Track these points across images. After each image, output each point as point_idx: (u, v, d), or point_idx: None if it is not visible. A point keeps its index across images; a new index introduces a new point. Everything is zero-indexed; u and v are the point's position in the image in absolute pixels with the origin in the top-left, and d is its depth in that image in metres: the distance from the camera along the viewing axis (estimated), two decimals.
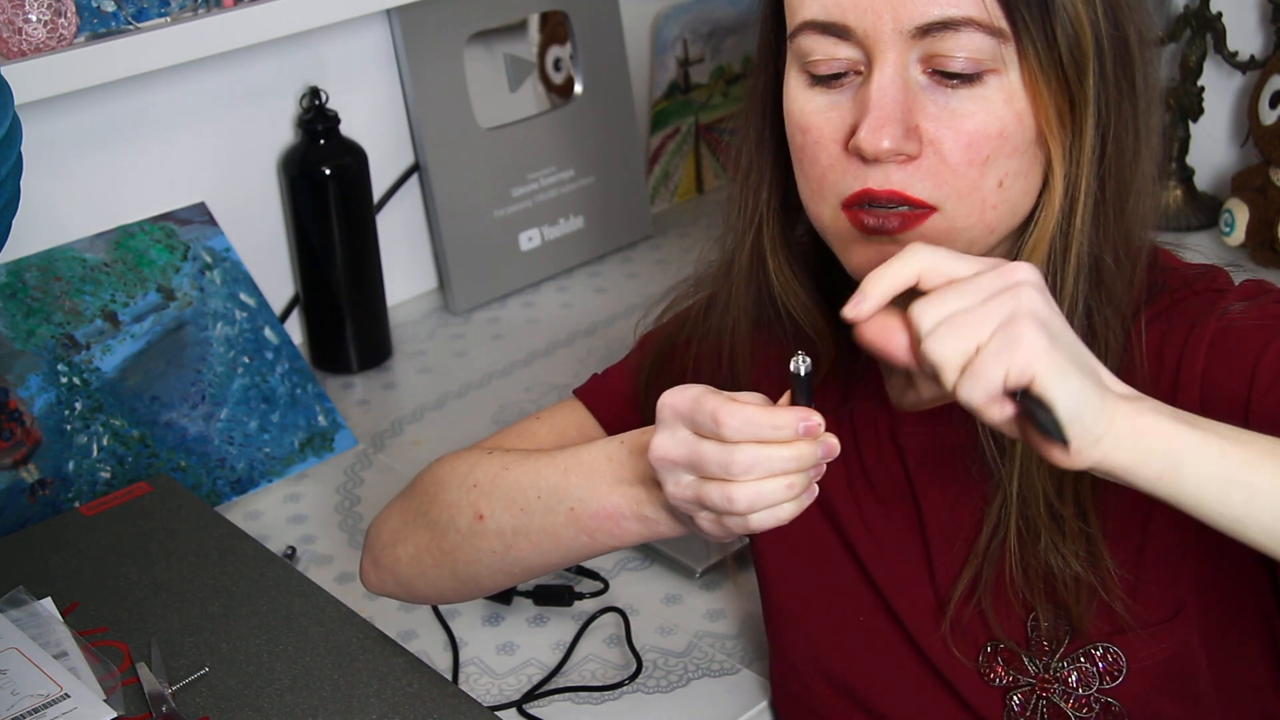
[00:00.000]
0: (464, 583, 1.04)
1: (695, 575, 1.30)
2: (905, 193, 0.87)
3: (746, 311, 1.00)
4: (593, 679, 1.19)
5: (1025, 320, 0.74)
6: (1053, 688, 0.95)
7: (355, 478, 1.47)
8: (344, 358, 1.65)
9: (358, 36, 1.67)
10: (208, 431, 1.45)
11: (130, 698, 1.04)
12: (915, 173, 0.86)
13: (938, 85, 0.85)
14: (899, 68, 0.85)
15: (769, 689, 1.17)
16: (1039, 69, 0.85)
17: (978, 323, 0.74)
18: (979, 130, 0.85)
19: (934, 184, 0.86)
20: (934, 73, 0.85)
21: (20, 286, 1.41)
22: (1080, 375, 0.74)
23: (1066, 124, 0.87)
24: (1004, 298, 0.74)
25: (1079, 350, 0.76)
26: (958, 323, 0.74)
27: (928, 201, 0.87)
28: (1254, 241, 1.70)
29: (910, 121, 0.85)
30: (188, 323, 1.48)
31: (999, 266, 0.76)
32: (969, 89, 0.85)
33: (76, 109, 1.46)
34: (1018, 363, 0.73)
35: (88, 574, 1.17)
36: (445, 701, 1.03)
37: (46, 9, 1.34)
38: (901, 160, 0.86)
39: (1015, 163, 0.87)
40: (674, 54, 1.97)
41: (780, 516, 0.83)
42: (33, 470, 1.36)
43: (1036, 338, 0.73)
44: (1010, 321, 0.74)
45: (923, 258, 0.77)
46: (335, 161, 1.59)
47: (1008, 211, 0.88)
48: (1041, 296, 0.75)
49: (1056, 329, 0.75)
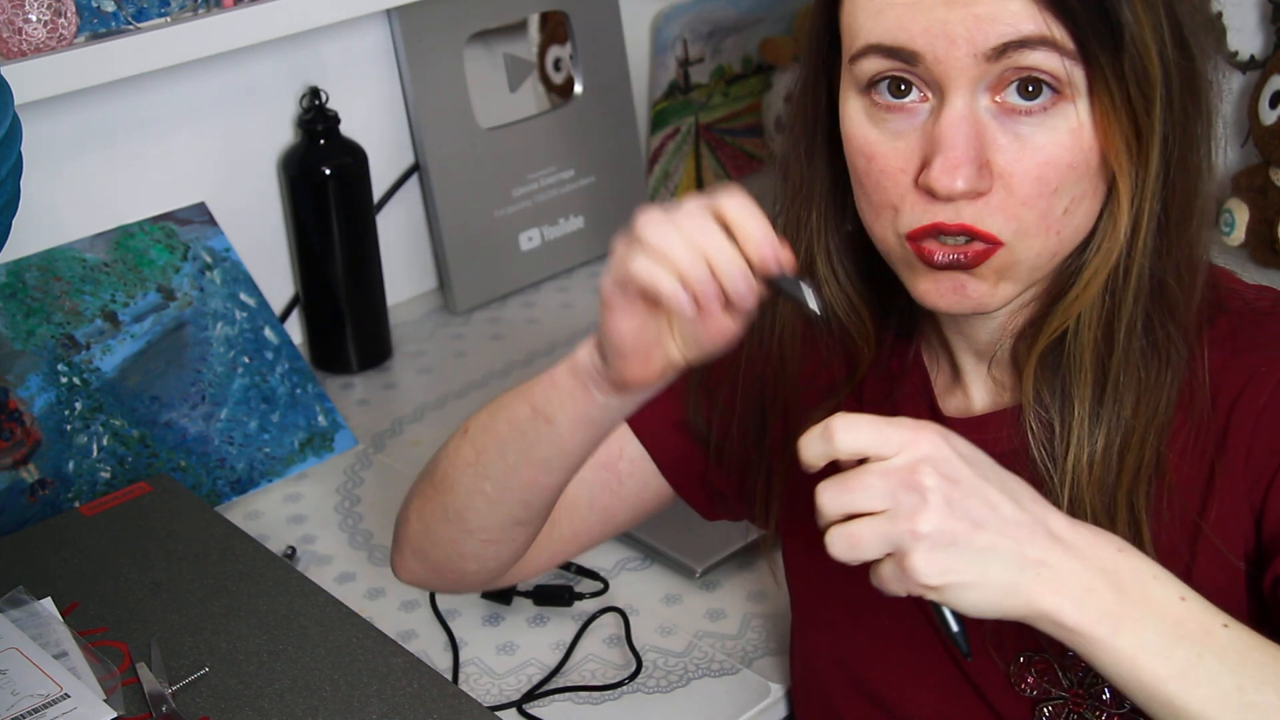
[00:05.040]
0: (454, 519, 1.04)
1: (695, 575, 1.30)
2: (976, 228, 0.85)
3: (794, 312, 1.00)
4: (593, 679, 1.19)
5: (919, 543, 0.75)
6: (1085, 702, 0.93)
7: (355, 478, 1.47)
8: (344, 358, 1.65)
9: (358, 36, 1.67)
10: (208, 431, 1.45)
11: (130, 698, 1.04)
12: (985, 208, 0.85)
13: (1007, 115, 0.84)
14: (969, 99, 0.83)
15: (770, 689, 1.17)
16: (1108, 101, 0.83)
17: (874, 540, 0.76)
18: (1049, 161, 0.84)
19: (1004, 218, 0.85)
20: (1004, 101, 0.83)
21: (20, 286, 1.41)
22: (984, 572, 0.76)
23: (1134, 153, 0.85)
24: (902, 501, 0.75)
25: (1001, 517, 0.76)
26: (855, 533, 0.76)
27: (997, 237, 0.85)
28: (1254, 242, 1.70)
29: (982, 158, 0.84)
30: (188, 323, 1.48)
31: (902, 446, 0.76)
32: (1039, 117, 0.83)
33: (76, 109, 1.46)
34: (911, 587, 0.76)
35: (88, 574, 1.17)
36: (445, 701, 1.03)
37: (46, 9, 1.34)
38: (972, 196, 0.84)
39: (1081, 188, 0.85)
40: (674, 54, 1.97)
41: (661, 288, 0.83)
42: (33, 470, 1.36)
43: (927, 562, 0.75)
44: (904, 542, 0.75)
45: (837, 442, 0.78)
46: (335, 161, 1.59)
47: (1071, 235, 0.87)
48: (941, 474, 0.76)
49: (967, 504, 0.76)
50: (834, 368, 1.00)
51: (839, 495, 0.77)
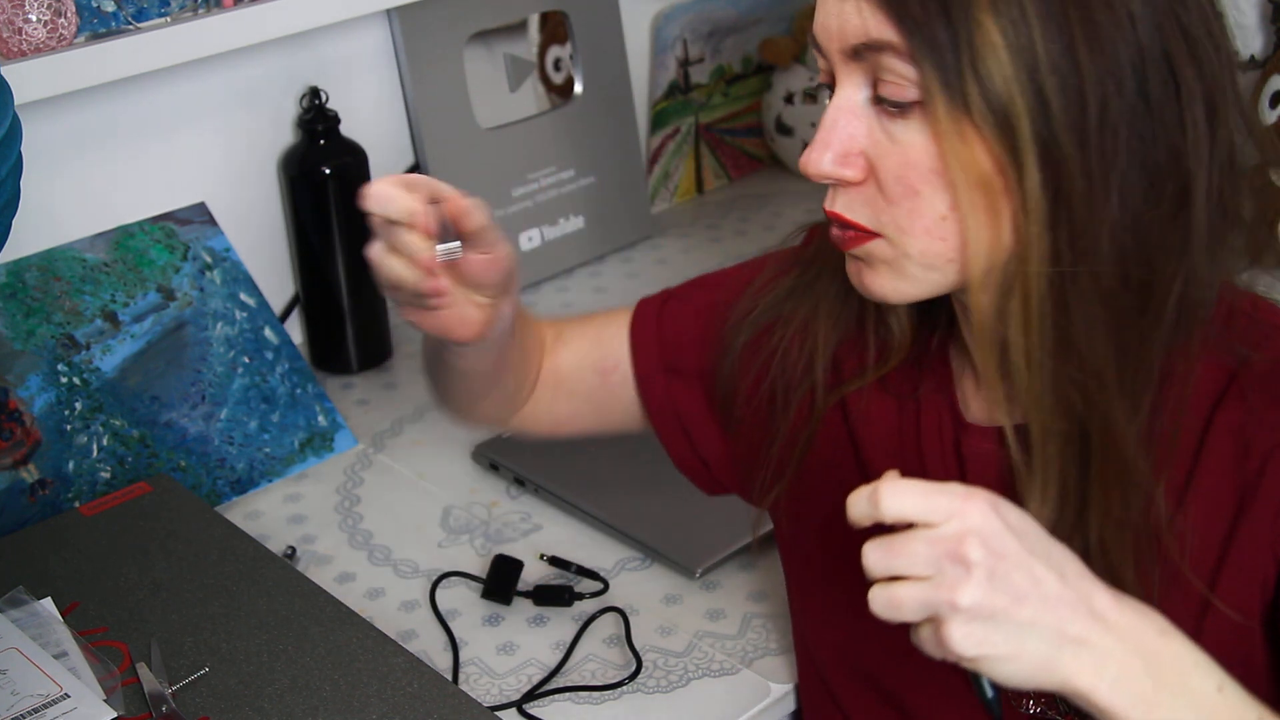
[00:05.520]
0: (453, 406, 1.17)
1: (695, 575, 1.30)
2: (844, 215, 0.88)
3: (828, 300, 1.01)
4: (593, 679, 1.19)
5: (957, 614, 0.74)
6: None
7: (355, 478, 1.47)
8: (344, 358, 1.65)
9: (358, 36, 1.67)
10: (208, 431, 1.45)
11: (130, 698, 1.04)
12: (855, 198, 0.87)
13: (881, 111, 0.85)
14: (851, 90, 0.86)
15: (770, 688, 1.17)
16: (964, 117, 0.82)
17: (914, 605, 0.75)
18: (910, 162, 0.84)
19: (871, 211, 0.87)
20: (878, 98, 0.85)
21: (20, 286, 1.41)
22: (1020, 647, 0.75)
23: (1006, 176, 0.82)
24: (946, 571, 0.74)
25: (1044, 593, 0.75)
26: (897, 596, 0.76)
27: (868, 227, 0.87)
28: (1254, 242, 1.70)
29: (853, 147, 0.86)
30: (188, 323, 1.48)
31: (950, 515, 0.75)
32: (905, 119, 0.84)
33: (76, 109, 1.46)
34: (947, 655, 0.75)
35: (88, 574, 1.17)
36: (445, 701, 1.03)
37: (46, 9, 1.34)
38: (845, 185, 0.87)
39: (961, 197, 0.83)
40: (674, 54, 1.97)
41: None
42: (33, 470, 1.36)
43: (964, 634, 0.74)
44: (943, 611, 0.75)
45: (884, 508, 0.76)
46: (335, 161, 1.59)
47: (963, 242, 0.85)
48: (988, 548, 0.74)
49: (1011, 579, 0.75)
50: (865, 353, 1.01)
51: (884, 558, 0.76)
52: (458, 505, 1.41)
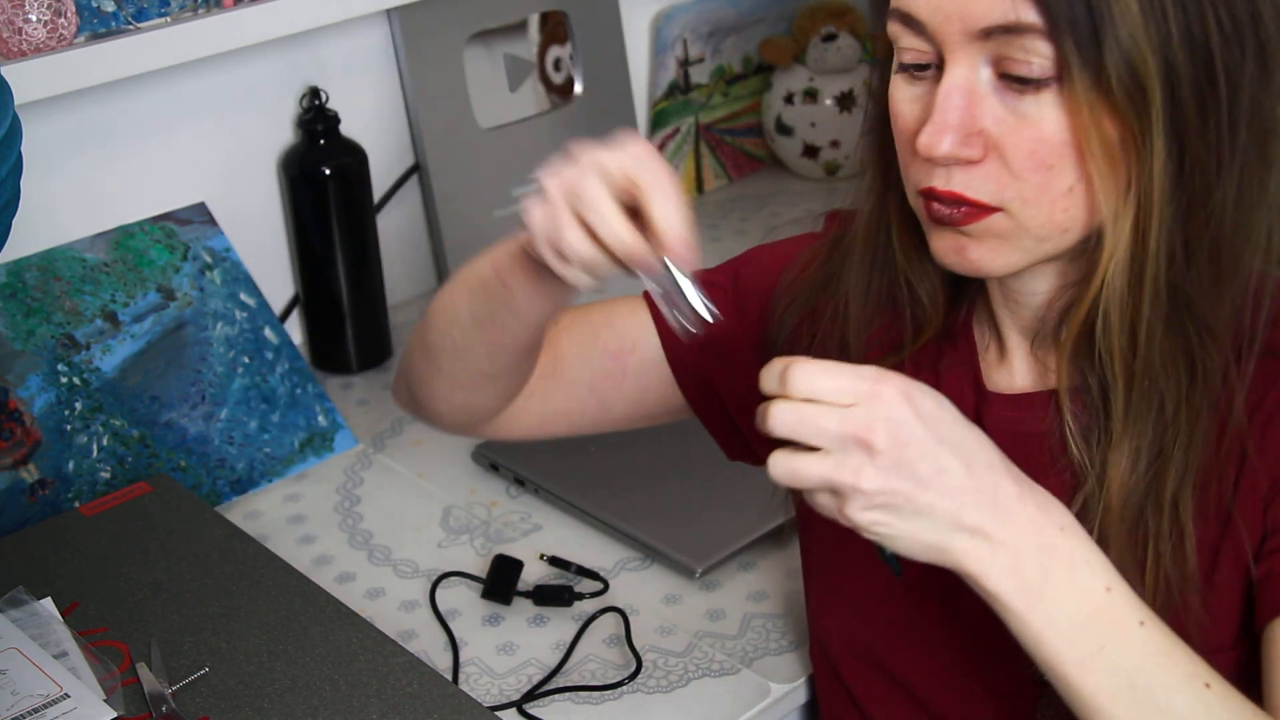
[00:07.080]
0: (429, 357, 1.09)
1: (695, 575, 1.30)
2: (965, 195, 0.87)
3: (861, 278, 1.01)
4: (593, 679, 1.19)
5: (857, 496, 0.79)
6: None
7: (355, 478, 1.47)
8: (344, 358, 1.65)
9: (358, 36, 1.67)
10: (208, 431, 1.45)
11: (130, 698, 1.04)
12: (977, 175, 0.86)
13: (1005, 89, 0.85)
14: (967, 69, 0.85)
15: (770, 689, 1.17)
16: (1096, 94, 0.83)
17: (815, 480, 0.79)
18: (1042, 138, 0.84)
19: (996, 187, 0.86)
20: (1003, 76, 0.84)
21: (20, 286, 1.41)
22: (913, 529, 0.79)
23: (1132, 151, 0.84)
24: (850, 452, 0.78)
25: (946, 482, 0.79)
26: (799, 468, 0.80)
27: (990, 204, 0.87)
28: None
29: (973, 126, 0.85)
30: (188, 323, 1.48)
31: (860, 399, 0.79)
32: (1035, 95, 0.84)
33: (76, 109, 1.46)
34: (842, 521, 0.80)
35: (88, 574, 1.17)
36: (445, 701, 1.03)
37: (46, 9, 1.34)
38: (964, 164, 0.86)
39: (1092, 168, 0.85)
40: (674, 54, 1.97)
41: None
42: (33, 470, 1.36)
43: (861, 512, 0.79)
44: (844, 490, 0.79)
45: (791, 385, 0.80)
46: (335, 161, 1.59)
47: (1081, 215, 0.87)
48: (894, 436, 0.78)
49: (914, 467, 0.79)
50: (897, 330, 1.01)
51: (791, 423, 0.79)
52: (458, 505, 1.41)
